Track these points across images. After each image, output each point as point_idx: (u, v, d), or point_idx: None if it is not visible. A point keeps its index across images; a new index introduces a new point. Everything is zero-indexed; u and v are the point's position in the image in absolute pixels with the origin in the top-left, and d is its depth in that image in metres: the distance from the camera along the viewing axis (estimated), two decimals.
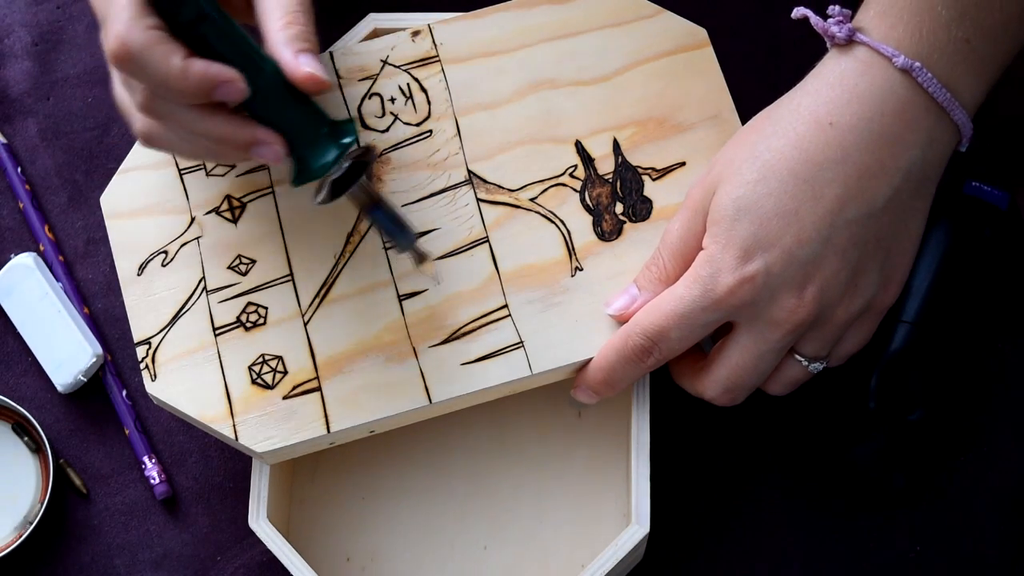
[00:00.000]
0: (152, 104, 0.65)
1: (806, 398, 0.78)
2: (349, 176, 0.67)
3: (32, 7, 0.89)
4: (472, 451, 0.80)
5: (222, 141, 0.66)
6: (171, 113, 0.65)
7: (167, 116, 0.65)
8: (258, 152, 0.66)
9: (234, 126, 0.66)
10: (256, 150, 0.66)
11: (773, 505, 0.79)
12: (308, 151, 0.67)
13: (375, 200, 0.69)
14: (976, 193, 0.79)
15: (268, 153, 0.66)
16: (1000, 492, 0.78)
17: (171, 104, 0.65)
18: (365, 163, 0.68)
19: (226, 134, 0.66)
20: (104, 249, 0.85)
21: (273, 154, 0.66)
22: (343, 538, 0.79)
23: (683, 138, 0.74)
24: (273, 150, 0.66)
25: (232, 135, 0.66)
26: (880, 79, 0.65)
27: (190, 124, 0.65)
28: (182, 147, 0.68)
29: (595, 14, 0.76)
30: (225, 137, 0.66)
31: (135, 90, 0.65)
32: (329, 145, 0.67)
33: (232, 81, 0.64)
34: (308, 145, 0.67)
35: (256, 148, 0.66)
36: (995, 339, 0.80)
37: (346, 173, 0.67)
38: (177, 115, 0.65)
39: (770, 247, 0.65)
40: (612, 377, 0.70)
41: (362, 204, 0.69)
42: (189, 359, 0.71)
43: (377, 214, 0.69)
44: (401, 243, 0.69)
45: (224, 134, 0.66)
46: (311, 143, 0.67)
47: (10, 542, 0.79)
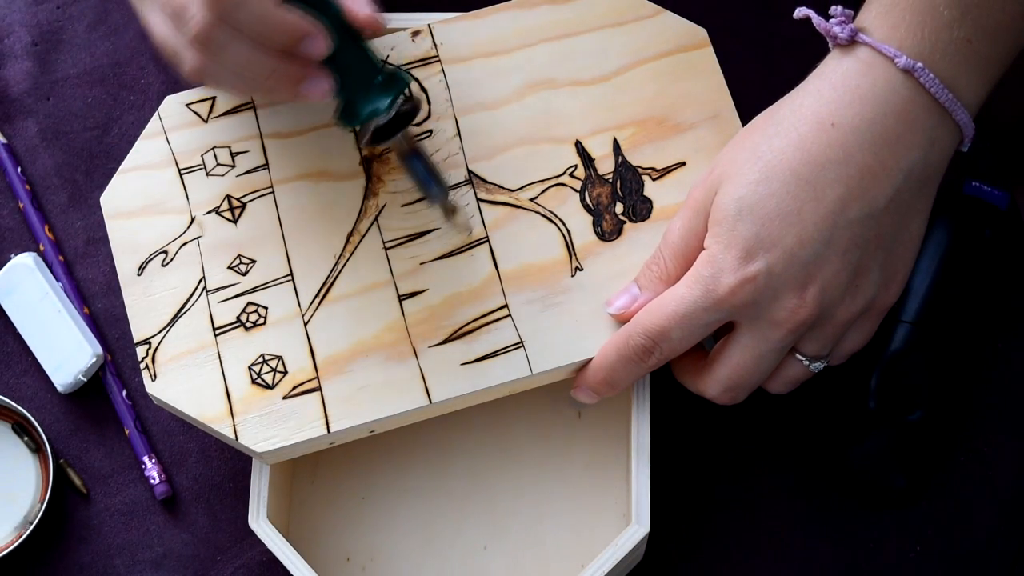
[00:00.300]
0: (210, 36, 0.64)
1: (806, 398, 0.78)
2: (394, 125, 0.69)
3: (32, 7, 0.89)
4: (472, 451, 0.80)
5: (275, 75, 0.66)
6: (228, 45, 0.65)
7: (223, 49, 0.65)
8: (308, 87, 0.67)
9: (288, 60, 0.66)
10: (306, 85, 0.67)
11: (773, 505, 0.79)
12: (358, 95, 0.68)
13: (414, 150, 0.70)
14: (976, 193, 0.79)
15: (317, 89, 0.67)
16: (1000, 492, 0.78)
17: (229, 36, 0.64)
18: (411, 113, 0.69)
19: (279, 68, 0.66)
20: (104, 249, 0.85)
21: (322, 91, 0.67)
22: (343, 538, 0.79)
23: (683, 138, 0.74)
24: (322, 86, 0.67)
25: (285, 69, 0.66)
26: (882, 79, 0.65)
27: (246, 57, 0.65)
28: (233, 82, 0.67)
29: (595, 14, 0.76)
30: (278, 71, 0.66)
31: (189, 23, 0.64)
32: (379, 92, 0.68)
33: (319, 37, 0.65)
34: (359, 89, 0.68)
35: (307, 84, 0.67)
36: (995, 339, 0.80)
37: (391, 121, 0.69)
38: (234, 48, 0.65)
39: (772, 247, 0.65)
40: (612, 377, 0.70)
41: (402, 152, 0.70)
42: (189, 359, 0.71)
43: (415, 163, 0.70)
44: (432, 194, 0.71)
45: (278, 68, 0.66)
46: (362, 88, 0.68)
47: (10, 542, 0.79)
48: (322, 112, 0.75)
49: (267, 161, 0.74)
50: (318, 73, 0.67)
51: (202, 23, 0.64)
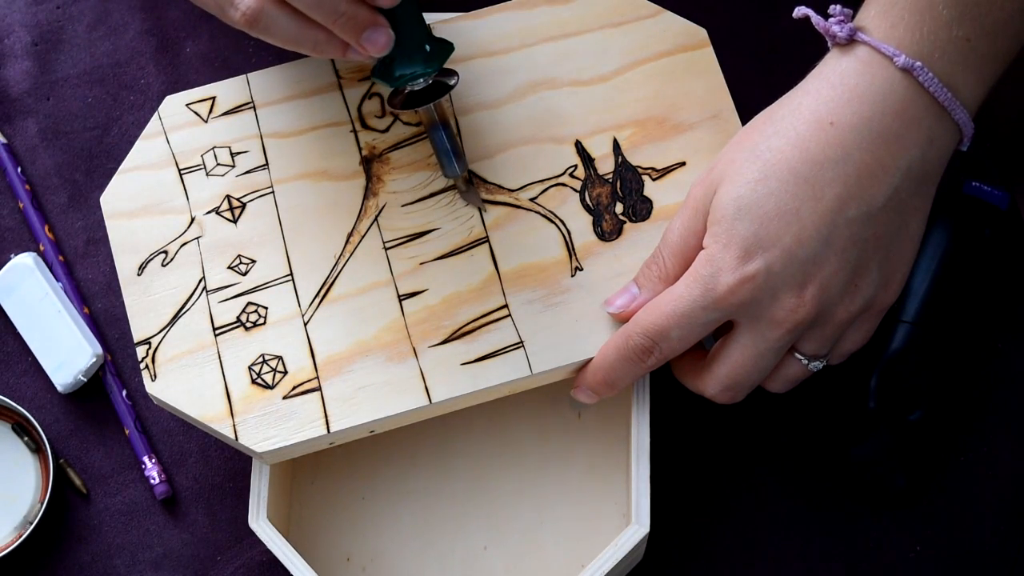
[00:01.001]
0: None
1: (806, 398, 0.79)
2: (429, 92, 0.70)
3: (32, 7, 0.89)
4: (472, 451, 0.80)
5: (342, 18, 0.66)
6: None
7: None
8: (371, 37, 0.67)
9: (356, 4, 0.66)
10: (370, 34, 0.67)
11: (773, 505, 0.79)
12: (404, 56, 0.69)
13: (444, 121, 0.71)
14: (976, 193, 0.79)
15: (380, 39, 0.67)
16: (1000, 492, 0.78)
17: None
18: (447, 86, 0.70)
19: (348, 11, 0.66)
20: (104, 249, 0.85)
21: (384, 41, 0.67)
22: (343, 538, 0.79)
23: (683, 138, 0.74)
24: (386, 35, 0.67)
25: (354, 14, 0.66)
26: (881, 78, 0.65)
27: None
28: (288, 29, 0.67)
29: (595, 14, 0.76)
30: (347, 15, 0.66)
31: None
32: (422, 59, 0.69)
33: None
34: (407, 51, 0.69)
35: (371, 31, 0.67)
36: (995, 339, 0.80)
37: (427, 88, 0.70)
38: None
39: (771, 246, 0.65)
40: (612, 377, 0.70)
41: (430, 121, 0.71)
42: (189, 359, 0.71)
43: (439, 134, 0.71)
44: (449, 168, 0.72)
45: (347, 11, 0.66)
46: (409, 50, 0.69)
47: (10, 542, 0.79)
48: (322, 112, 0.75)
49: (267, 161, 0.74)
50: (383, 22, 0.67)
51: None
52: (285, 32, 0.67)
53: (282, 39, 0.67)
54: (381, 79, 0.70)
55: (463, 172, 0.72)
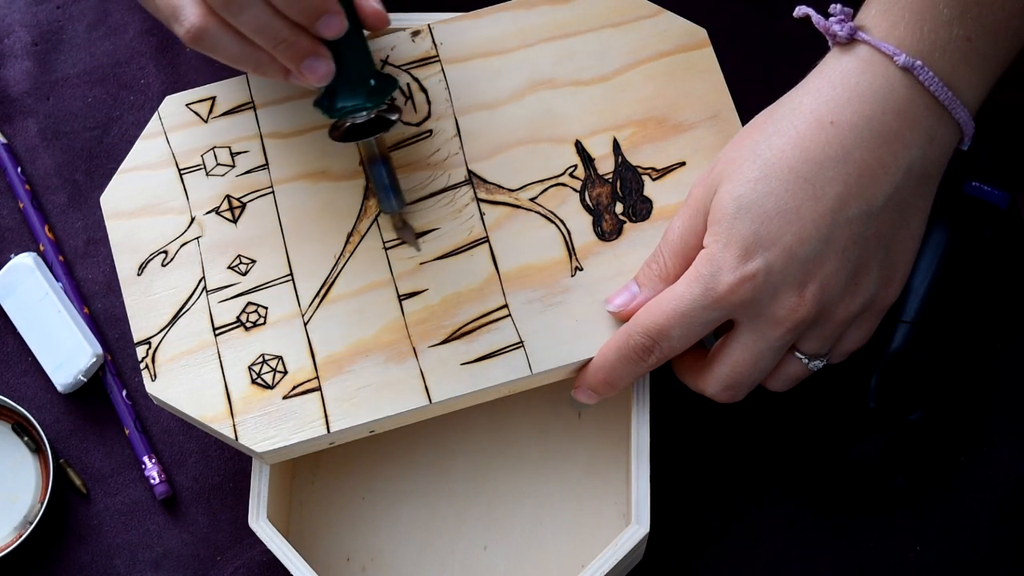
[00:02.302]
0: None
1: (806, 398, 0.79)
2: (371, 126, 0.69)
3: (32, 7, 0.89)
4: (472, 451, 0.80)
5: (283, 44, 0.66)
6: (249, 7, 0.65)
7: (243, 9, 0.65)
8: (311, 65, 0.67)
9: (300, 33, 0.66)
10: (311, 62, 0.67)
11: (773, 505, 0.79)
12: (346, 88, 0.69)
13: (384, 156, 0.71)
14: (976, 193, 0.79)
15: (320, 68, 0.67)
16: (1000, 492, 0.78)
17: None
18: (389, 121, 0.70)
19: (290, 39, 0.66)
20: (104, 249, 0.85)
21: (324, 71, 0.67)
22: (343, 538, 0.79)
23: (683, 138, 0.74)
24: (326, 65, 0.67)
25: (296, 41, 0.66)
26: (881, 78, 0.65)
27: (262, 21, 0.65)
28: (231, 49, 0.67)
29: (594, 14, 0.76)
30: (287, 42, 0.66)
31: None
32: (365, 92, 0.69)
33: (339, 15, 0.66)
34: (350, 83, 0.69)
35: (312, 60, 0.67)
36: (995, 339, 0.80)
37: (369, 122, 0.69)
38: (254, 9, 0.65)
39: (771, 245, 0.65)
40: (613, 376, 0.70)
41: (370, 155, 0.71)
42: (189, 359, 0.71)
43: (379, 169, 0.71)
44: (388, 205, 0.71)
45: (288, 38, 0.66)
46: (353, 82, 0.69)
47: (10, 542, 0.79)
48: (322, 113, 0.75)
49: (267, 161, 0.74)
50: (325, 52, 0.67)
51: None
52: (228, 52, 0.67)
53: (225, 58, 0.68)
54: (323, 110, 0.70)
55: (400, 208, 0.71)
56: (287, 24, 0.66)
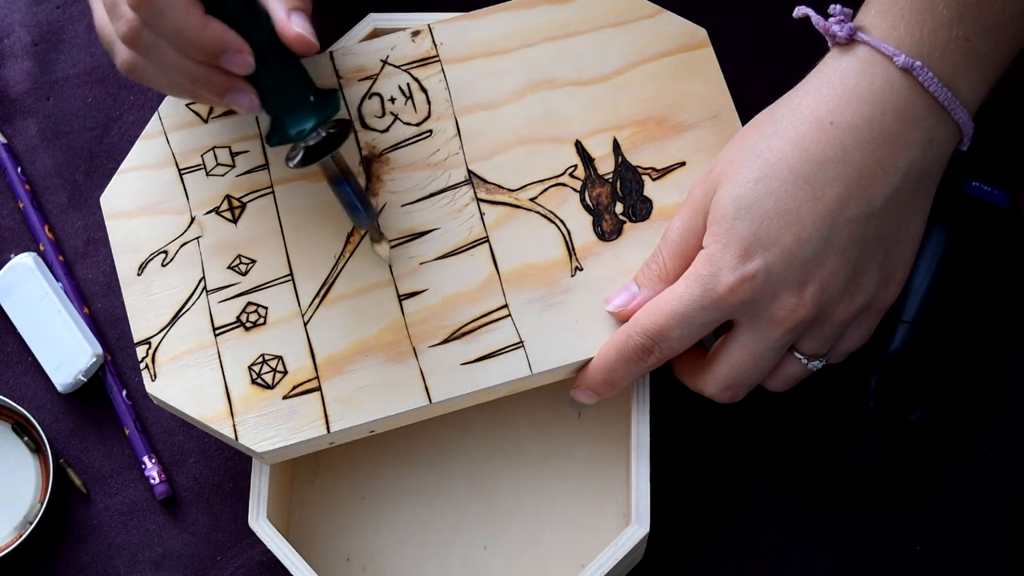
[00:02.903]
0: (137, 37, 0.65)
1: (806, 398, 0.79)
2: (324, 145, 0.68)
3: (32, 7, 0.89)
4: (472, 451, 0.80)
5: (199, 82, 0.67)
6: (154, 48, 0.66)
7: (150, 50, 0.66)
8: (233, 99, 0.68)
9: (211, 70, 0.67)
10: (231, 96, 0.68)
11: (773, 505, 0.79)
12: (289, 114, 0.68)
13: (344, 173, 0.70)
14: (976, 193, 0.79)
15: (242, 101, 0.68)
16: (1000, 492, 0.78)
17: (156, 40, 0.65)
18: (342, 135, 0.69)
19: (204, 76, 0.67)
20: (104, 249, 0.85)
21: (247, 104, 0.68)
22: (343, 538, 0.79)
23: (683, 138, 0.74)
24: (247, 99, 0.68)
25: (209, 79, 0.67)
26: (881, 78, 0.65)
27: (172, 61, 0.66)
28: (161, 82, 0.68)
29: (595, 14, 0.76)
30: (202, 79, 0.67)
31: (119, 20, 0.66)
32: (310, 113, 0.68)
33: (242, 52, 0.66)
34: (290, 108, 0.68)
35: (231, 95, 0.67)
36: (995, 339, 0.80)
37: (322, 142, 0.68)
38: (160, 51, 0.66)
39: (770, 246, 0.65)
40: (612, 377, 0.70)
41: (331, 175, 0.70)
42: (189, 359, 0.71)
43: (343, 188, 0.70)
44: (360, 220, 0.70)
45: (201, 76, 0.67)
46: (293, 107, 0.68)
47: (10, 542, 0.79)
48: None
49: (267, 161, 0.74)
50: (243, 86, 0.67)
51: (131, 23, 0.65)
52: (160, 85, 0.69)
53: (160, 89, 0.69)
54: (273, 142, 0.69)
55: (373, 220, 0.71)
56: (197, 63, 0.66)
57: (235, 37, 0.66)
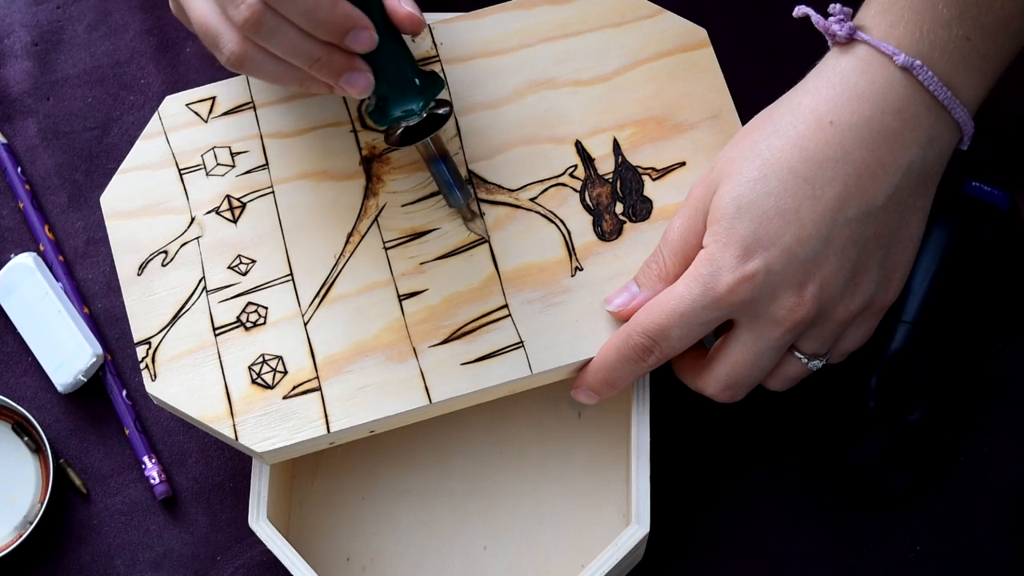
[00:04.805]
0: (261, 20, 0.64)
1: (806, 398, 0.79)
2: (425, 126, 0.69)
3: (32, 7, 0.89)
4: (472, 451, 0.80)
5: (318, 63, 0.66)
6: (277, 31, 0.65)
7: (272, 34, 0.65)
8: (350, 79, 0.67)
9: (332, 51, 0.66)
10: (349, 76, 0.67)
11: (773, 505, 0.79)
12: (393, 94, 0.69)
13: (442, 154, 0.71)
14: (976, 193, 0.79)
15: (358, 83, 0.67)
16: (1000, 492, 0.78)
17: (279, 23, 0.65)
18: (443, 117, 0.70)
19: (324, 57, 0.66)
20: (104, 249, 0.85)
21: (362, 85, 0.67)
22: (343, 538, 0.79)
23: (683, 138, 0.74)
24: (365, 78, 0.67)
25: (330, 59, 0.66)
26: (880, 77, 0.65)
27: (293, 44, 0.65)
28: (274, 71, 0.67)
29: (595, 14, 0.76)
30: (322, 60, 0.66)
31: (239, 7, 0.65)
32: (415, 94, 0.69)
33: (368, 29, 0.66)
34: (395, 88, 0.69)
35: (348, 75, 0.67)
36: (995, 339, 0.80)
37: (423, 122, 0.69)
38: (283, 33, 0.65)
39: (770, 245, 0.65)
40: (612, 377, 0.70)
41: (429, 155, 0.71)
42: (189, 359, 0.71)
43: (440, 167, 0.71)
44: (453, 199, 0.71)
45: (322, 57, 0.66)
46: (399, 87, 0.69)
47: (10, 542, 0.79)
48: (322, 112, 0.75)
49: (267, 161, 0.74)
50: (361, 67, 0.67)
51: (253, 6, 0.64)
52: (271, 73, 0.68)
53: (269, 79, 0.68)
54: (375, 120, 0.69)
55: (466, 200, 0.72)
56: (318, 43, 0.66)
57: (361, 14, 0.66)
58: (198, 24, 0.68)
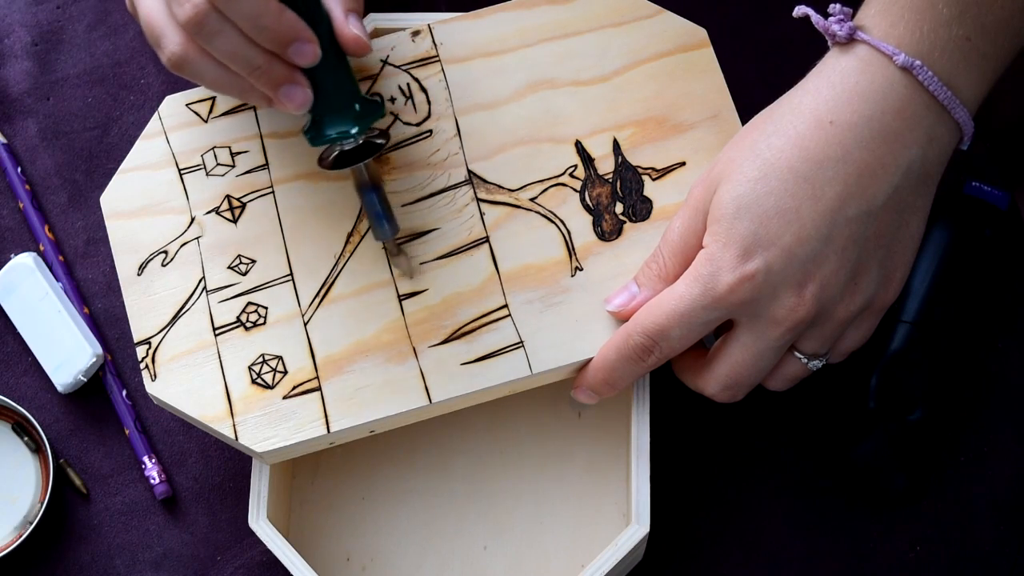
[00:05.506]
0: (205, 21, 0.64)
1: (806, 398, 0.79)
2: (360, 152, 0.68)
3: (32, 7, 0.89)
4: (472, 451, 0.80)
5: (258, 71, 0.66)
6: (220, 33, 0.65)
7: (215, 35, 0.65)
8: (288, 93, 0.67)
9: (273, 60, 0.66)
10: (287, 90, 0.67)
11: (773, 505, 0.79)
12: (331, 115, 0.68)
13: (375, 183, 0.70)
14: (976, 193, 0.79)
15: (297, 96, 0.67)
16: (1000, 492, 0.78)
17: (223, 25, 0.64)
18: (378, 145, 0.69)
19: (265, 66, 0.66)
20: (104, 249, 0.85)
21: (302, 98, 0.67)
22: (343, 538, 0.79)
23: (683, 138, 0.74)
24: (303, 93, 0.67)
25: (270, 68, 0.66)
26: (880, 77, 0.65)
27: (235, 48, 0.65)
28: (212, 75, 0.67)
29: (595, 14, 0.76)
30: (262, 68, 0.66)
31: (184, 5, 0.64)
32: (351, 117, 0.68)
33: (311, 43, 0.65)
34: (333, 109, 0.68)
35: (288, 88, 0.67)
36: (995, 339, 0.80)
37: (357, 148, 0.68)
38: (226, 36, 0.65)
39: (770, 245, 0.65)
40: (612, 377, 0.70)
41: (361, 182, 0.70)
42: (189, 359, 0.71)
43: (371, 196, 0.70)
44: (380, 232, 0.70)
45: (263, 66, 0.66)
46: (337, 109, 0.68)
47: (10, 542, 0.79)
48: None
49: (267, 161, 0.74)
50: (300, 80, 0.67)
51: (198, 6, 0.64)
52: (209, 78, 0.67)
53: (207, 84, 0.68)
54: (309, 139, 0.69)
55: (393, 235, 0.70)
56: (261, 51, 0.65)
57: (306, 27, 0.65)
58: (144, 20, 0.67)
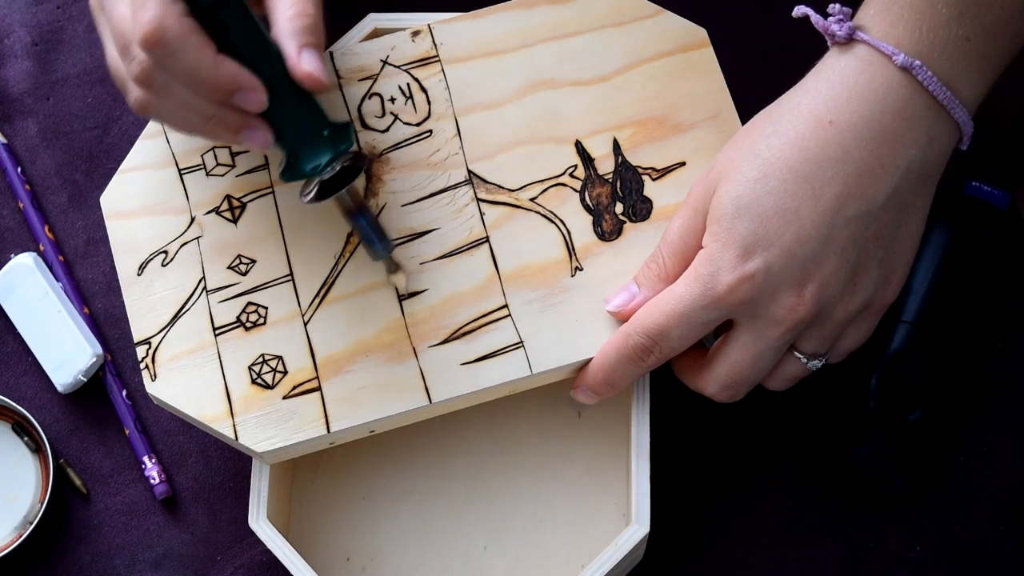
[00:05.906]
0: (150, 77, 0.65)
1: (806, 398, 0.79)
2: (339, 180, 0.68)
3: (32, 7, 0.89)
4: (472, 451, 0.80)
5: (212, 121, 0.66)
6: (167, 88, 0.65)
7: (163, 90, 0.65)
8: (247, 137, 0.67)
9: (225, 109, 0.66)
10: (245, 135, 0.67)
11: (773, 505, 0.79)
12: (303, 149, 0.68)
13: (360, 207, 0.69)
14: (976, 193, 0.79)
15: (257, 138, 0.67)
16: (1000, 492, 0.78)
17: (169, 80, 0.65)
18: (357, 168, 0.68)
19: (217, 115, 0.66)
20: (104, 249, 0.85)
21: (262, 140, 0.67)
22: (343, 538, 0.79)
23: (683, 138, 0.74)
24: (262, 136, 0.67)
25: (223, 117, 0.66)
26: (880, 77, 0.65)
27: (185, 101, 0.66)
28: (175, 120, 0.68)
29: (595, 14, 0.76)
30: (216, 118, 0.66)
31: (132, 61, 0.65)
32: (325, 147, 0.68)
33: (255, 91, 0.65)
34: (304, 143, 0.68)
35: (245, 133, 0.67)
36: (995, 339, 0.80)
37: (336, 176, 0.68)
38: (172, 90, 0.65)
39: (770, 245, 0.65)
40: (612, 377, 0.70)
41: (346, 208, 0.70)
42: (189, 359, 0.71)
43: (360, 220, 0.69)
44: (377, 252, 0.70)
45: (215, 115, 0.66)
46: (307, 141, 0.68)
47: (10, 542, 0.79)
48: None
49: (267, 161, 0.74)
50: (257, 123, 0.67)
51: (143, 64, 0.65)
52: (176, 123, 0.68)
53: (176, 128, 0.69)
54: (289, 179, 0.68)
55: (388, 252, 0.70)
56: (210, 102, 0.66)
57: (247, 75, 0.65)
58: (109, 68, 0.69)
